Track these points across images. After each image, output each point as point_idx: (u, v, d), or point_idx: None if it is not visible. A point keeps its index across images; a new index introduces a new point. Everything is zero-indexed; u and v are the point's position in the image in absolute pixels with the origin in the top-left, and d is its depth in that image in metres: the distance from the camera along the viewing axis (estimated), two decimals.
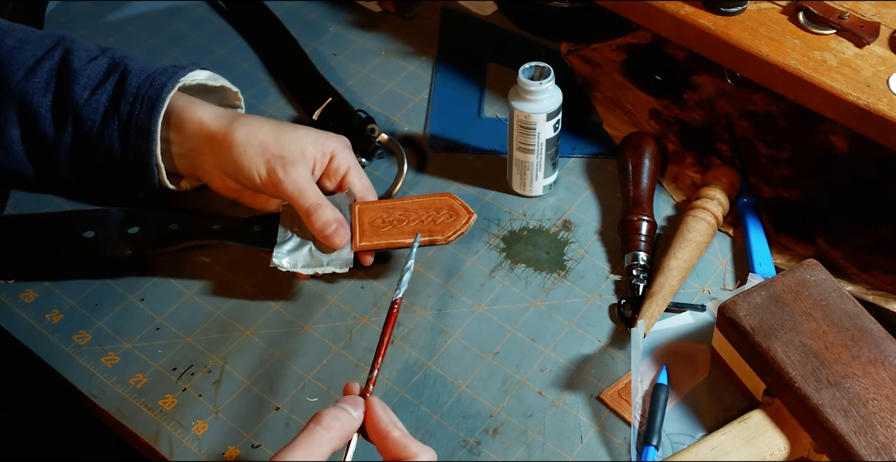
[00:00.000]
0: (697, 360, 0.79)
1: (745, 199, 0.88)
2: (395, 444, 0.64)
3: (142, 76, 0.83)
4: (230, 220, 0.86)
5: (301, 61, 1.02)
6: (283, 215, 0.84)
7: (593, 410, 0.77)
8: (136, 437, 0.78)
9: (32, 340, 0.83)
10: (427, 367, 0.80)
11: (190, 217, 0.86)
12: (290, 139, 0.82)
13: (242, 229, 0.84)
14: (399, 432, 0.65)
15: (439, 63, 1.03)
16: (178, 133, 0.84)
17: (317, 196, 0.81)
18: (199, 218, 0.86)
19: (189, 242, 0.84)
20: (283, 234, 0.82)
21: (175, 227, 0.84)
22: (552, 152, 0.87)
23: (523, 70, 0.83)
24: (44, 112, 0.82)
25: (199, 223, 0.85)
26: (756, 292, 0.73)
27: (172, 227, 0.84)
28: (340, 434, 0.64)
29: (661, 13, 0.86)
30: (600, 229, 0.89)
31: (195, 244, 0.85)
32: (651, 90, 0.98)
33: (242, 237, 0.84)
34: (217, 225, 0.85)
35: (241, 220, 0.86)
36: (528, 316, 0.83)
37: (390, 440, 0.64)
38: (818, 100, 0.80)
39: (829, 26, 0.83)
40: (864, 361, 0.69)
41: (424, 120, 0.98)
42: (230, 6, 1.10)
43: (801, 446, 0.71)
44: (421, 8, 1.09)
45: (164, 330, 0.83)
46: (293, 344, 0.82)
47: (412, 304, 0.84)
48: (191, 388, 0.80)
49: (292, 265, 0.81)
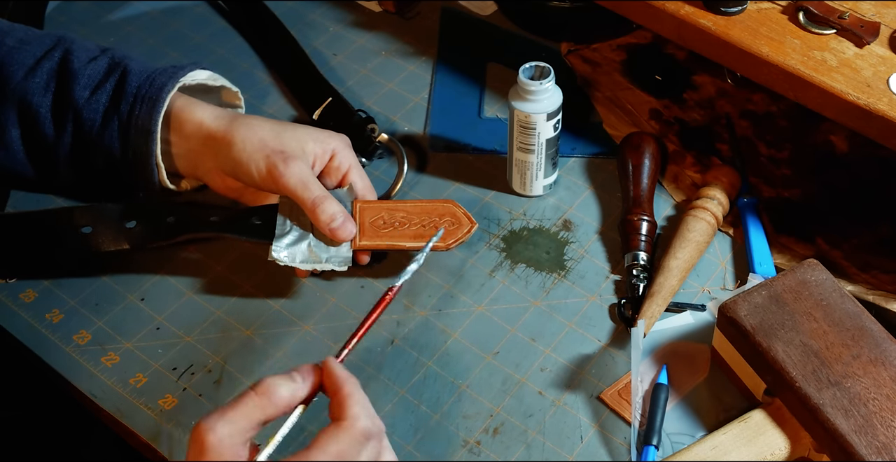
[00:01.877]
0: (697, 360, 0.79)
1: (745, 199, 0.88)
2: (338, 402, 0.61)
3: (142, 76, 0.82)
4: (228, 211, 0.85)
5: (301, 61, 1.02)
6: (281, 207, 0.83)
7: (593, 410, 0.77)
8: (136, 437, 0.78)
9: (32, 340, 0.83)
10: (427, 367, 0.80)
11: (187, 209, 0.85)
12: (290, 137, 0.82)
13: (241, 221, 0.83)
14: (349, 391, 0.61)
15: (439, 63, 1.03)
16: (177, 133, 0.84)
17: (321, 188, 0.80)
18: (197, 210, 0.85)
19: (187, 235, 0.83)
20: (282, 227, 0.81)
21: (172, 220, 0.83)
22: (552, 152, 0.88)
23: (523, 70, 0.83)
24: (44, 112, 0.82)
25: (197, 215, 0.84)
26: (756, 292, 0.73)
27: (170, 220, 0.83)
28: (278, 403, 0.60)
29: (661, 13, 0.86)
30: (600, 229, 0.89)
31: (193, 237, 0.84)
32: (651, 90, 0.98)
33: (241, 229, 0.83)
34: (215, 217, 0.84)
35: (240, 211, 0.85)
36: (528, 316, 0.83)
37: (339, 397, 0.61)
38: (818, 100, 0.80)
39: (830, 26, 0.83)
40: (865, 361, 0.69)
41: (424, 120, 0.98)
42: (230, 6, 1.10)
43: (801, 446, 0.71)
44: (421, 8, 1.09)
45: (164, 330, 0.83)
46: (293, 344, 0.82)
47: (412, 304, 0.84)
48: (191, 388, 0.79)
49: (291, 259, 0.80)
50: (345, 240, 0.80)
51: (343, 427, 0.59)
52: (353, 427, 0.59)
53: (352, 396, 0.61)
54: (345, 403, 0.60)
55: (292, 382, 0.62)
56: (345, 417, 0.60)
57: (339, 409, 0.61)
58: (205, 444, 0.58)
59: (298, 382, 0.62)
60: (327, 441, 0.59)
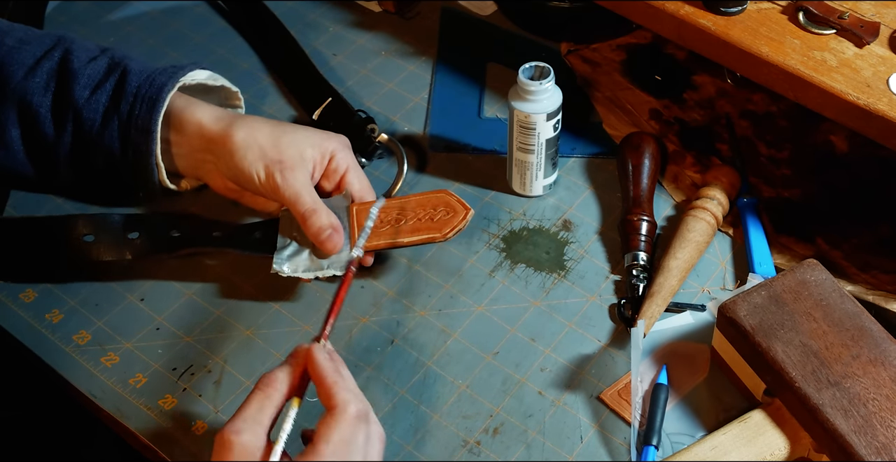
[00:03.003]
0: (697, 360, 0.79)
1: (745, 199, 0.88)
2: (325, 391, 0.65)
3: (142, 76, 0.82)
4: (231, 226, 0.86)
5: (301, 61, 1.02)
6: (282, 221, 0.84)
7: (593, 410, 0.77)
8: (136, 437, 0.78)
9: (32, 340, 0.83)
10: (427, 367, 0.80)
11: (191, 223, 0.86)
12: (288, 143, 0.82)
13: (243, 236, 0.85)
14: (333, 379, 0.65)
15: (439, 63, 1.03)
16: (178, 133, 0.84)
17: (312, 201, 0.81)
18: (200, 224, 0.86)
19: (189, 249, 0.84)
20: (283, 241, 0.83)
21: (176, 234, 0.84)
22: (552, 152, 0.87)
23: (523, 70, 0.83)
24: (44, 112, 0.82)
25: (200, 230, 0.85)
26: (756, 292, 0.73)
27: (174, 234, 0.84)
28: (282, 389, 0.65)
29: (661, 13, 0.86)
30: (600, 229, 0.89)
31: (196, 252, 0.85)
32: (651, 90, 0.98)
33: (243, 244, 0.84)
34: (217, 232, 0.85)
35: (242, 226, 0.86)
36: (528, 316, 0.83)
37: (324, 387, 0.65)
38: (818, 100, 0.80)
39: (829, 26, 0.83)
40: (865, 361, 0.69)
41: (424, 120, 0.98)
42: (230, 6, 1.10)
43: (801, 446, 0.71)
44: (421, 8, 1.09)
45: (164, 330, 0.83)
46: (293, 344, 0.82)
47: (412, 304, 0.84)
48: (191, 388, 0.80)
49: (293, 270, 0.81)
50: (332, 252, 0.81)
51: (337, 414, 0.63)
52: (347, 412, 0.63)
53: (337, 384, 0.65)
54: (332, 391, 0.64)
55: (285, 365, 0.67)
56: (335, 404, 0.64)
57: (328, 397, 0.64)
58: (233, 447, 0.62)
59: (288, 363, 0.67)
60: (328, 431, 0.63)
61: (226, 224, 0.87)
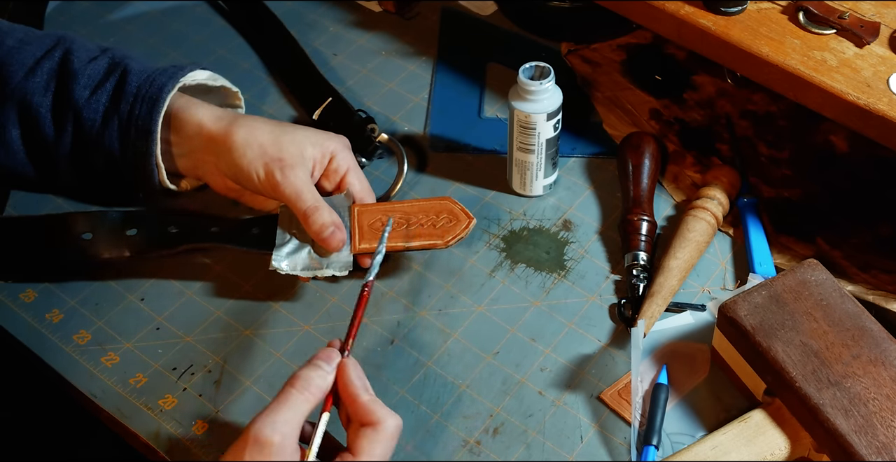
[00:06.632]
0: (697, 360, 0.79)
1: (745, 199, 0.88)
2: (362, 408, 0.65)
3: (142, 76, 0.82)
4: (228, 222, 0.86)
5: (301, 61, 1.02)
6: (280, 217, 0.84)
7: (593, 410, 0.77)
8: (136, 437, 0.78)
9: (32, 340, 0.83)
10: (427, 367, 0.80)
11: (188, 220, 0.85)
12: (289, 141, 0.82)
13: (241, 232, 0.84)
14: (368, 397, 0.66)
15: (439, 63, 1.03)
16: (178, 133, 0.84)
17: (314, 199, 0.81)
18: (198, 220, 0.86)
19: (188, 245, 0.84)
20: (282, 237, 0.83)
21: (174, 230, 0.84)
22: (552, 152, 0.88)
23: (523, 70, 0.83)
24: (44, 112, 0.82)
25: (198, 226, 0.85)
26: (756, 292, 0.73)
27: (171, 230, 0.84)
28: (317, 392, 0.65)
29: (661, 13, 0.86)
30: (600, 229, 0.89)
31: (193, 247, 0.85)
32: (651, 90, 0.98)
33: (241, 240, 0.84)
34: (215, 227, 0.85)
35: (240, 221, 0.86)
36: (528, 316, 0.83)
37: (359, 404, 0.65)
38: (818, 100, 0.80)
39: (829, 26, 0.83)
40: (865, 361, 0.69)
41: (424, 120, 0.98)
42: (230, 6, 1.10)
43: (801, 446, 0.71)
44: (421, 8, 1.09)
45: (164, 330, 0.83)
46: (293, 344, 0.82)
47: (412, 304, 0.84)
48: (191, 388, 0.80)
49: (291, 268, 0.81)
50: (334, 250, 0.81)
51: (381, 431, 0.64)
52: (388, 429, 0.65)
53: (374, 401, 0.66)
54: (368, 409, 0.65)
55: (320, 370, 0.67)
56: (376, 421, 0.64)
57: (365, 413, 0.65)
58: (269, 444, 0.62)
59: (325, 369, 0.67)
60: (372, 446, 0.64)
61: (224, 220, 0.86)
